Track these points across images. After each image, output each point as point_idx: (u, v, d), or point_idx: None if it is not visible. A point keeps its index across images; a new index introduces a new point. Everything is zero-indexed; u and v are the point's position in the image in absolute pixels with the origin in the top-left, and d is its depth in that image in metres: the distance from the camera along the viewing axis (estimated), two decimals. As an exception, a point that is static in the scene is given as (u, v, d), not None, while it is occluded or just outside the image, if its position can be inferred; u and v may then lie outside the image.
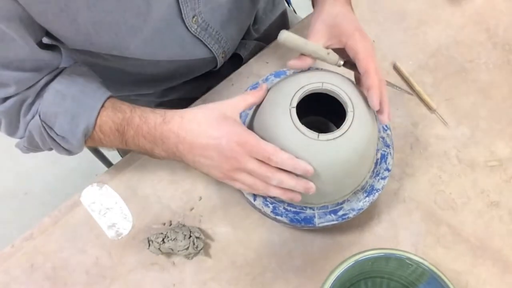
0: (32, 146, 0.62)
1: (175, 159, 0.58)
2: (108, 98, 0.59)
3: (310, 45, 0.56)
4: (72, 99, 0.57)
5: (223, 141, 0.52)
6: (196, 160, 0.55)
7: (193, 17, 0.63)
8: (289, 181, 0.53)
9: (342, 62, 0.58)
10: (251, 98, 0.57)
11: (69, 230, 0.66)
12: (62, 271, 0.64)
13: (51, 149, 0.62)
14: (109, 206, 0.67)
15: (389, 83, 0.64)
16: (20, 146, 0.63)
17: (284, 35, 0.55)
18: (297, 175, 0.53)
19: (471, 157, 0.70)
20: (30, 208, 1.45)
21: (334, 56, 0.57)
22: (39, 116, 0.57)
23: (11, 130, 0.60)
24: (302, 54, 0.57)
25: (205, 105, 0.57)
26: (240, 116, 0.57)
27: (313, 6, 0.64)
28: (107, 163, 1.00)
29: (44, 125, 0.57)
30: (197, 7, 0.62)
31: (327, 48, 0.58)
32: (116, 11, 0.54)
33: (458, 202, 0.67)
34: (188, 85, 0.83)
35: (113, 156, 0.95)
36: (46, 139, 0.59)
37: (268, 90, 0.58)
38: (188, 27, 0.64)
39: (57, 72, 0.59)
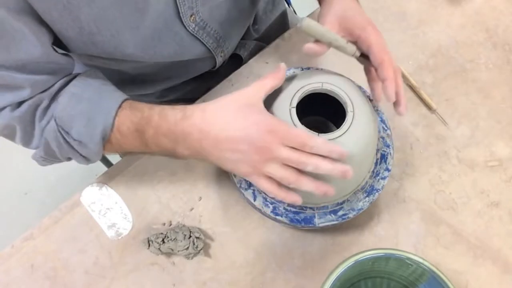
0: (48, 155, 0.59)
1: (198, 158, 0.54)
2: (126, 99, 0.57)
3: (332, 33, 0.55)
4: (88, 101, 0.56)
5: (252, 130, 0.49)
6: (222, 155, 0.52)
7: (191, 16, 0.63)
8: (326, 165, 0.49)
9: (359, 54, 0.57)
10: (271, 81, 0.53)
11: (69, 230, 0.66)
12: (62, 271, 0.64)
13: (69, 158, 0.60)
14: (109, 206, 0.67)
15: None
16: (37, 157, 0.60)
17: (306, 22, 0.53)
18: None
19: (471, 157, 0.70)
20: (30, 208, 1.45)
21: (352, 46, 0.57)
22: (55, 120, 0.55)
23: (27, 139, 0.58)
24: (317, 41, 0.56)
25: (226, 96, 0.53)
26: None
27: (320, 2, 0.65)
28: (107, 163, 1.00)
29: (60, 129, 0.55)
30: (195, 6, 0.62)
31: None
32: (114, 7, 0.53)
33: (458, 202, 0.67)
34: (187, 86, 0.83)
35: (113, 156, 0.95)
36: (62, 145, 0.56)
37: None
38: (186, 26, 0.63)
39: (72, 77, 0.58)
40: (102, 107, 0.56)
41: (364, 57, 0.57)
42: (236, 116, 0.51)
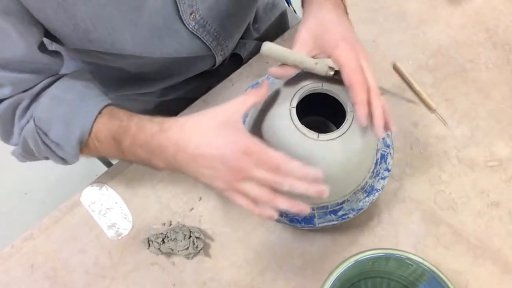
0: (27, 153, 0.60)
1: (173, 170, 0.54)
2: (107, 105, 0.57)
3: (296, 56, 0.51)
4: (69, 105, 0.56)
5: (228, 151, 0.49)
6: (197, 170, 0.51)
7: (191, 14, 0.63)
8: (301, 185, 0.49)
9: (332, 73, 0.53)
10: (253, 98, 0.52)
11: (69, 230, 0.66)
12: (62, 271, 0.64)
13: (46, 158, 0.60)
14: (109, 206, 0.67)
15: (386, 91, 0.61)
16: (16, 154, 0.61)
17: (266, 47, 0.50)
18: None
19: (471, 157, 0.70)
20: (30, 208, 1.45)
21: (323, 67, 0.53)
22: (34, 121, 0.56)
23: (6, 136, 0.58)
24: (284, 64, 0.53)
25: (205, 111, 0.52)
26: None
27: (302, 13, 0.61)
28: (107, 163, 1.00)
29: (39, 130, 0.56)
30: (195, 3, 0.62)
31: (313, 57, 0.54)
32: (110, 4, 0.53)
33: (458, 202, 0.67)
34: (188, 85, 0.83)
35: (113, 156, 0.95)
36: (40, 146, 0.57)
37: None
38: (186, 24, 0.63)
39: (56, 78, 0.58)
40: (81, 112, 0.56)
41: (340, 76, 0.52)
42: (213, 134, 0.50)
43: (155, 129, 0.53)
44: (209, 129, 0.51)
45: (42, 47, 0.56)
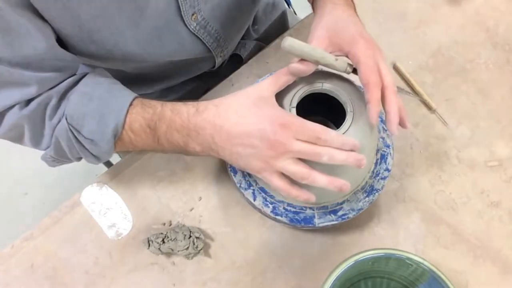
0: (58, 155, 0.59)
1: (210, 154, 0.55)
2: (136, 97, 0.58)
3: (318, 51, 0.51)
4: (100, 100, 0.56)
5: (266, 125, 0.49)
6: (234, 151, 0.52)
7: (193, 14, 0.63)
8: (341, 155, 0.49)
9: (351, 70, 0.53)
10: (285, 76, 0.53)
11: (69, 230, 0.66)
12: (62, 271, 0.64)
13: (79, 158, 0.59)
14: (109, 206, 0.67)
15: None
16: (46, 157, 0.60)
17: (289, 41, 0.50)
18: None
19: (471, 157, 0.70)
20: (30, 208, 1.45)
21: (343, 63, 0.53)
22: (66, 119, 0.55)
23: (36, 139, 0.57)
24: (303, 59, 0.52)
25: (238, 91, 0.53)
26: None
27: (314, 11, 0.62)
28: (107, 163, 1.00)
29: (72, 128, 0.55)
30: (197, 4, 0.62)
31: None
32: (112, 4, 0.53)
33: (458, 202, 0.67)
34: (187, 86, 0.83)
35: (113, 156, 0.95)
36: (73, 144, 0.56)
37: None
38: (187, 25, 0.63)
39: (81, 76, 0.58)
40: (113, 105, 0.56)
41: (357, 73, 0.53)
42: (249, 111, 0.51)
43: (191, 112, 0.53)
44: (244, 107, 0.51)
45: (59, 43, 0.55)
